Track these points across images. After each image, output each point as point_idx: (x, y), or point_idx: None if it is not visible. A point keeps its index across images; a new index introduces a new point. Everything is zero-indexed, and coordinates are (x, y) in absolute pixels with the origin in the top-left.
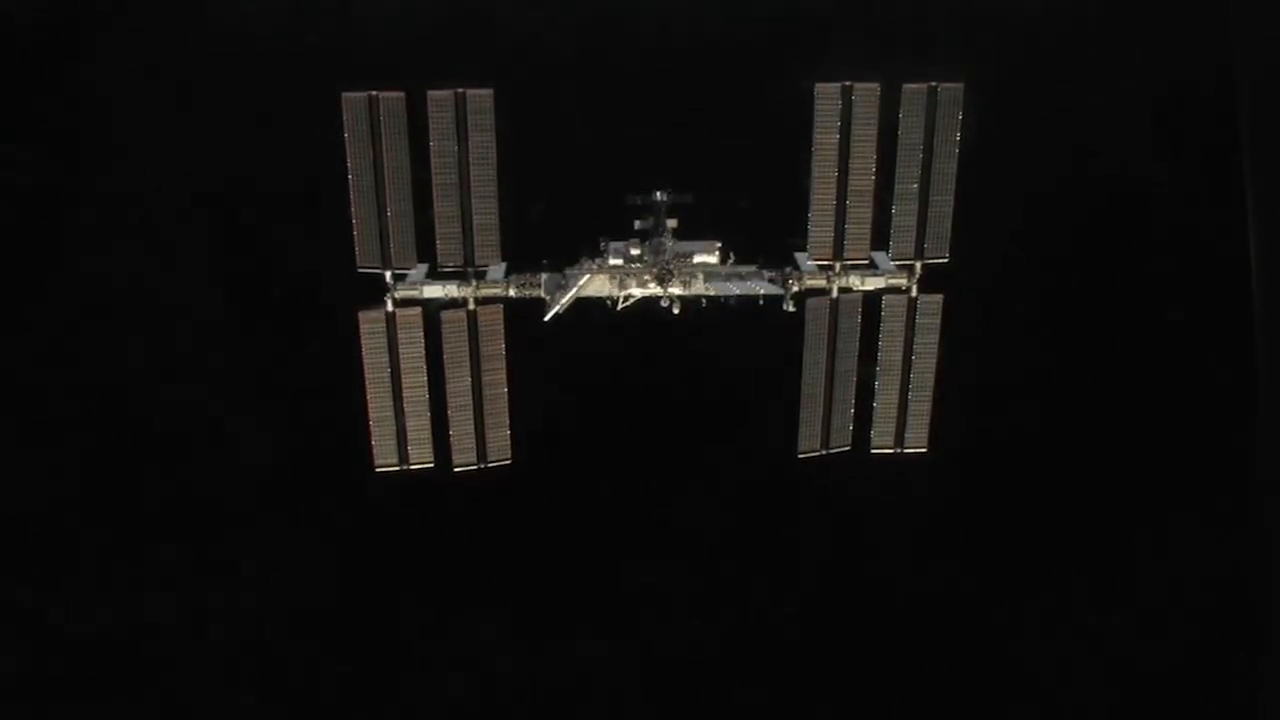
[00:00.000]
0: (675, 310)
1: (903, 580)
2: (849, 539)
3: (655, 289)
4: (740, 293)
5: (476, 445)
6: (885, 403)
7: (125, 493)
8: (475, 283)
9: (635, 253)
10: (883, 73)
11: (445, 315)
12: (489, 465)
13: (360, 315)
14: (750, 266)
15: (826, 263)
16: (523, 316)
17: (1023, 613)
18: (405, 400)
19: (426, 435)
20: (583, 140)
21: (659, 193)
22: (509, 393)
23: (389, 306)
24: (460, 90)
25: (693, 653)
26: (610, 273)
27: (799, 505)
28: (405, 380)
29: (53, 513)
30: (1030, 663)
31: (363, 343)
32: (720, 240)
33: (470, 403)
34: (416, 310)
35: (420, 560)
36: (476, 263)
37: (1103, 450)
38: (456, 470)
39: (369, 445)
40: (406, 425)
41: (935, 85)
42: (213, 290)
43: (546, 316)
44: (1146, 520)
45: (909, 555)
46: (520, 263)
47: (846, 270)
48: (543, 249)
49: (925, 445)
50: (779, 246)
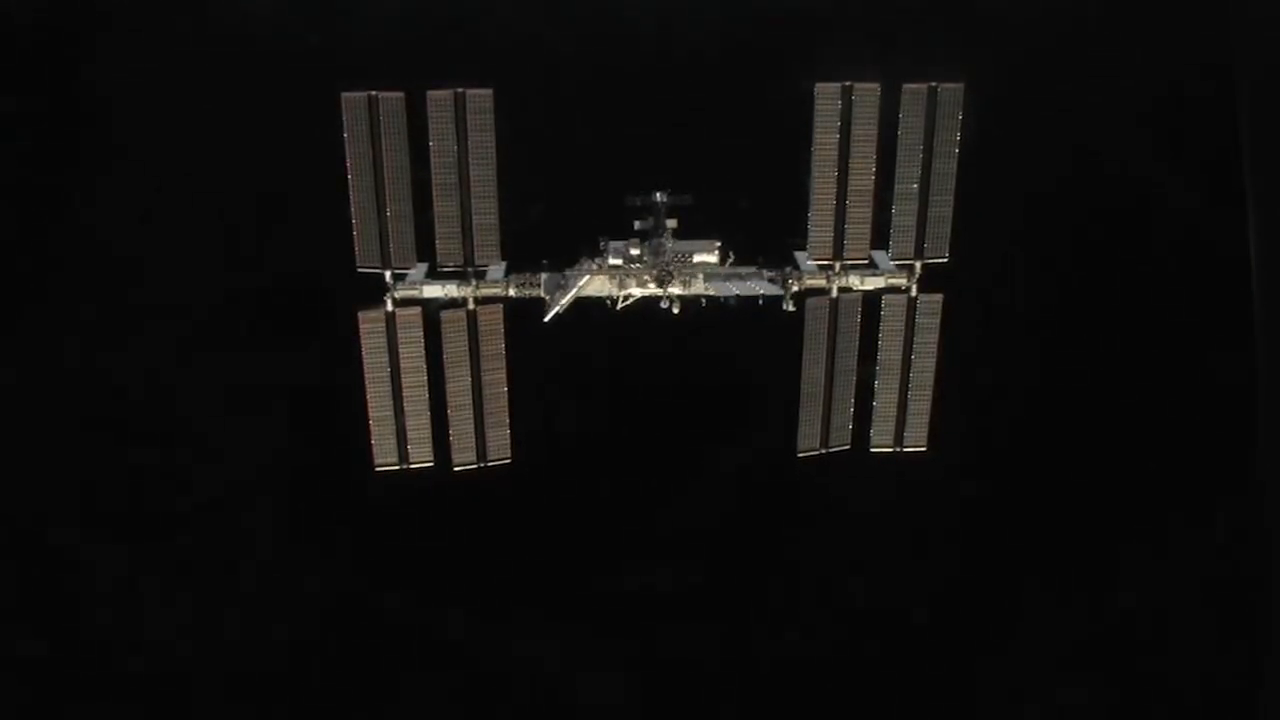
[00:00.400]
0: (675, 310)
1: (902, 578)
2: (848, 538)
3: (655, 290)
4: (740, 293)
5: (476, 444)
6: (885, 402)
7: (124, 492)
8: (475, 282)
9: (635, 253)
10: (883, 73)
11: (445, 315)
12: (489, 464)
13: (360, 315)
14: (750, 267)
15: (826, 262)
16: (523, 316)
17: (1022, 612)
18: (405, 400)
19: (426, 434)
20: (583, 140)
21: (659, 193)
22: (508, 392)
23: (389, 306)
24: (460, 90)
25: (693, 652)
26: (610, 273)
27: (798, 504)
28: (405, 380)
29: (51, 512)
30: (1030, 662)
31: (362, 342)
32: (720, 240)
33: (470, 402)
34: (416, 310)
35: (420, 559)
36: (476, 263)
37: (1102, 450)
38: (456, 469)
39: (369, 444)
40: (406, 424)
41: (935, 85)
42: (212, 290)
43: (546, 317)
44: (1146, 520)
45: (908, 554)
46: (520, 263)
47: (846, 270)
48: (542, 249)
49: (925, 444)
50: (779, 246)
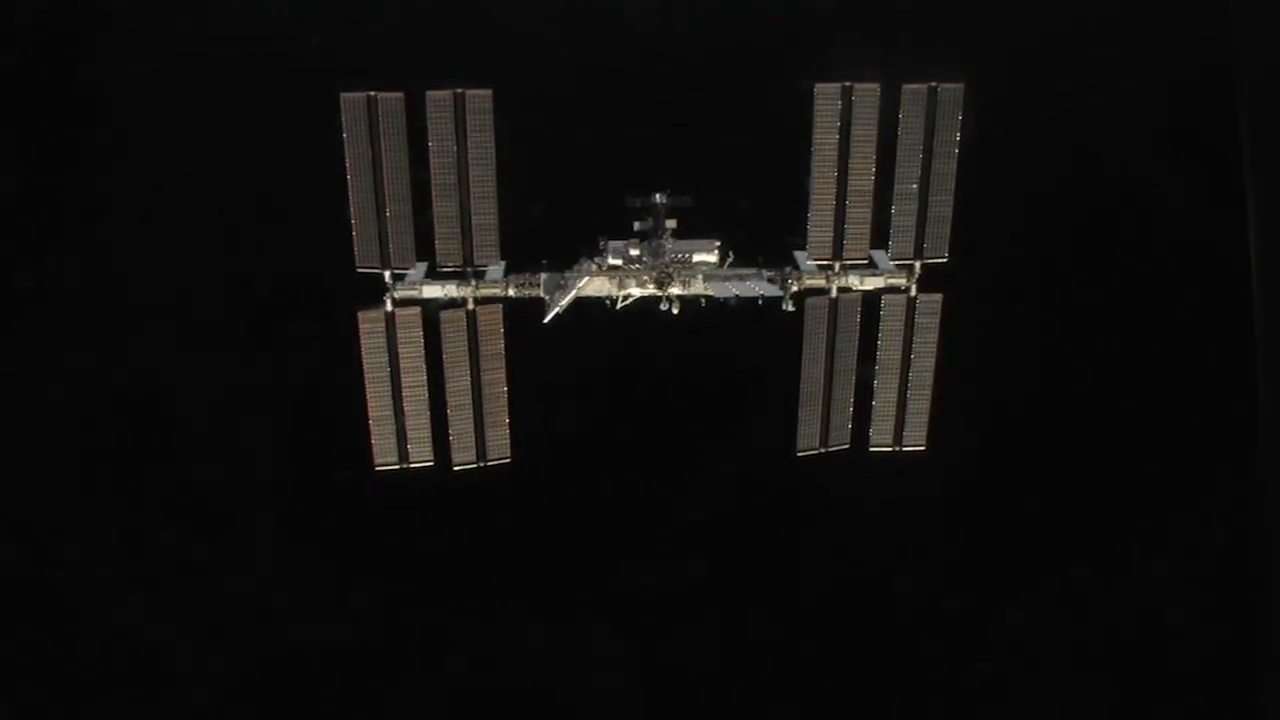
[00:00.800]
0: (674, 311)
1: (901, 577)
2: (848, 537)
3: (655, 291)
4: (740, 294)
5: (476, 444)
6: (884, 401)
7: (124, 492)
8: (474, 282)
9: (634, 253)
10: (883, 73)
11: (444, 315)
12: (488, 464)
13: (360, 315)
14: (750, 268)
15: (826, 262)
16: (522, 316)
17: (1022, 611)
18: (405, 399)
19: (426, 434)
20: (582, 140)
21: (658, 195)
22: (508, 392)
23: (388, 306)
24: (459, 90)
25: (692, 651)
26: (609, 273)
27: (798, 504)
28: (405, 379)
29: (50, 511)
30: (1029, 662)
31: (362, 342)
32: (720, 240)
33: (470, 402)
34: (416, 310)
35: (420, 558)
36: (476, 263)
37: (1102, 450)
38: (456, 469)
39: (369, 444)
40: (406, 424)
41: (935, 85)
42: (212, 290)
43: (546, 318)
44: (1146, 520)
45: (908, 552)
46: (519, 262)
47: (846, 270)
48: (542, 249)
49: (924, 444)
50: (779, 246)
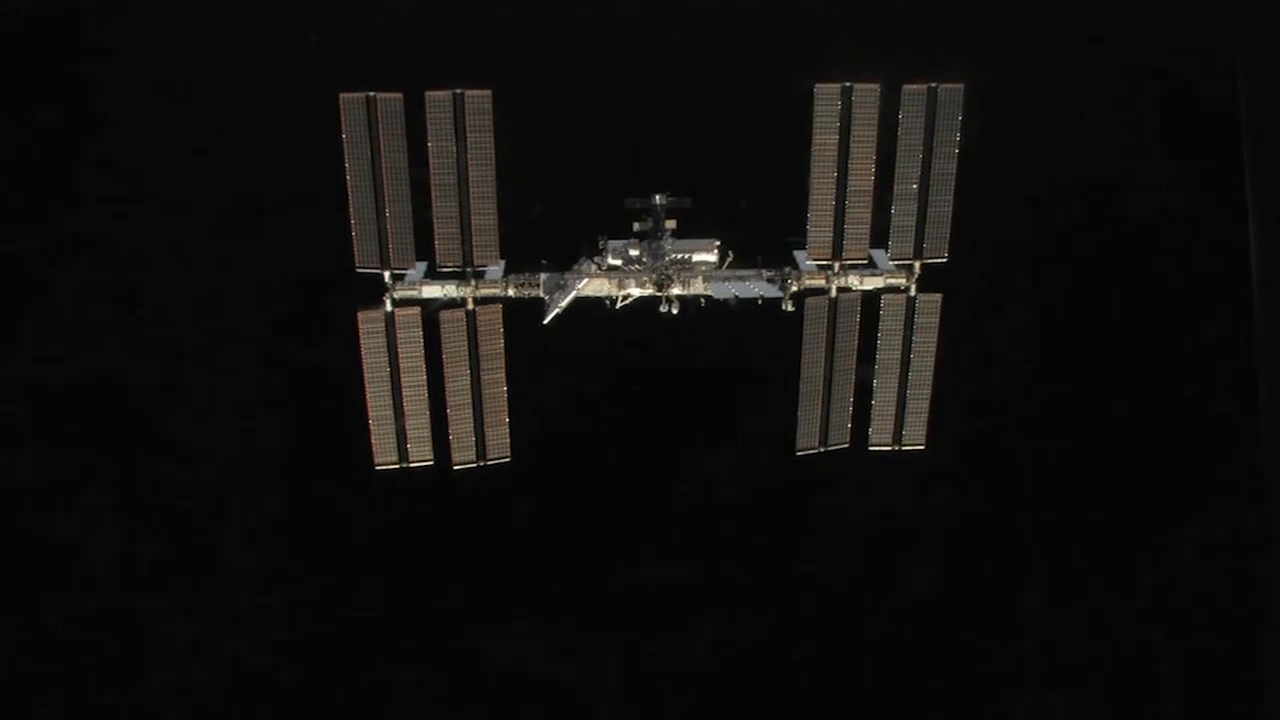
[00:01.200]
0: (674, 311)
1: (901, 576)
2: (847, 535)
3: (655, 292)
4: (739, 294)
5: (476, 443)
6: (883, 401)
7: (123, 491)
8: (474, 283)
9: (634, 253)
10: (883, 73)
11: (444, 315)
12: (488, 463)
13: (360, 315)
14: (750, 270)
15: (825, 262)
16: (522, 316)
17: (1022, 611)
18: (405, 399)
19: (426, 433)
20: (582, 140)
21: (658, 196)
22: (508, 391)
23: (388, 306)
24: (459, 91)
25: (691, 650)
26: (609, 274)
27: (797, 503)
28: (404, 379)
29: (50, 510)
30: (1029, 661)
31: (362, 342)
32: (720, 239)
33: (469, 401)
34: (415, 310)
35: (419, 557)
36: (475, 263)
37: (1102, 449)
38: (456, 468)
39: (369, 443)
40: (406, 424)
41: (935, 85)
42: (212, 290)
43: (546, 319)
44: (1146, 520)
45: (907, 551)
46: (519, 263)
47: (845, 270)
48: (541, 249)
49: (923, 443)
50: (778, 245)
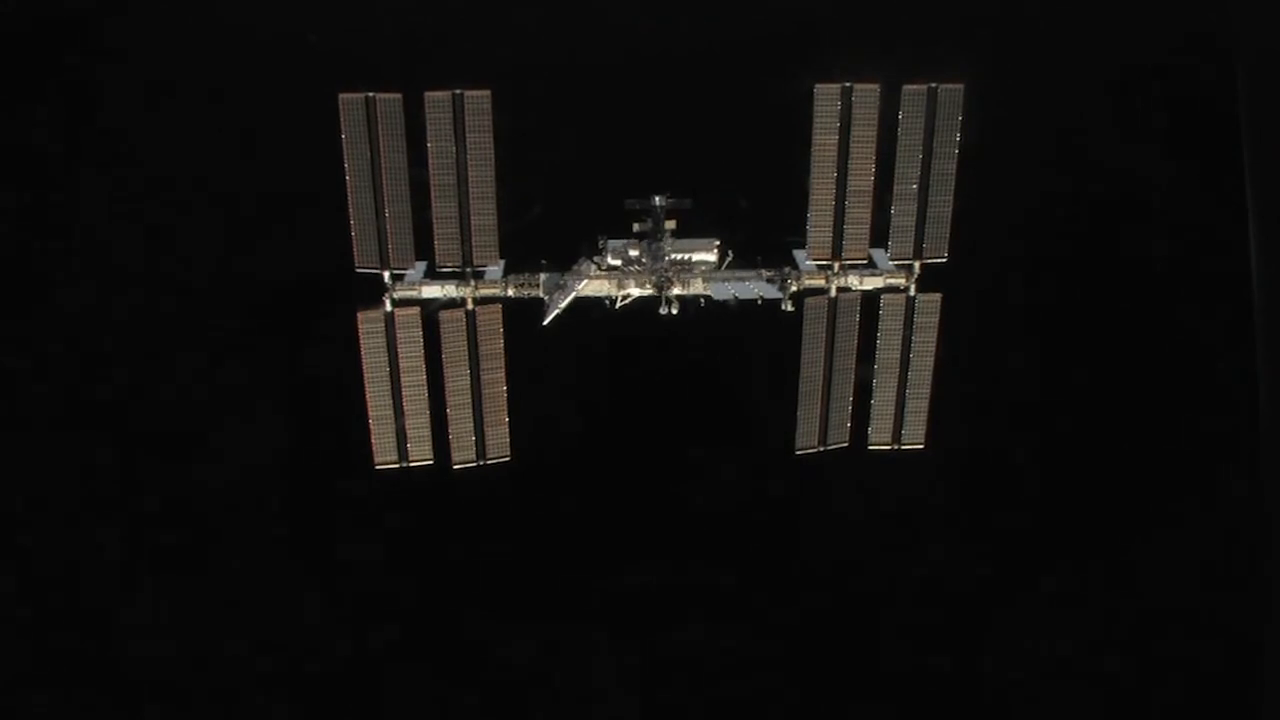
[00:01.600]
0: (674, 311)
1: (900, 575)
2: (846, 534)
3: (654, 293)
4: (739, 295)
5: (476, 442)
6: (883, 400)
7: (123, 491)
8: (474, 283)
9: (634, 254)
10: (883, 73)
11: (444, 315)
12: (488, 462)
13: (360, 315)
14: (749, 270)
15: (825, 262)
16: (521, 316)
17: (1021, 610)
18: (405, 399)
19: (426, 433)
20: (582, 140)
21: (657, 197)
22: (508, 391)
23: (388, 306)
24: (458, 91)
25: (691, 650)
26: (609, 275)
27: (797, 502)
28: (404, 379)
29: (49, 511)
30: (1029, 661)
31: (362, 342)
32: (719, 239)
33: (469, 401)
34: (415, 310)
35: (419, 556)
36: (475, 263)
37: (1102, 449)
38: (456, 467)
39: (369, 442)
40: (406, 423)
41: (935, 85)
42: (212, 290)
43: (545, 320)
44: (1146, 519)
45: (907, 550)
46: (519, 263)
47: (845, 270)
48: (541, 249)
49: (922, 442)
50: (778, 245)
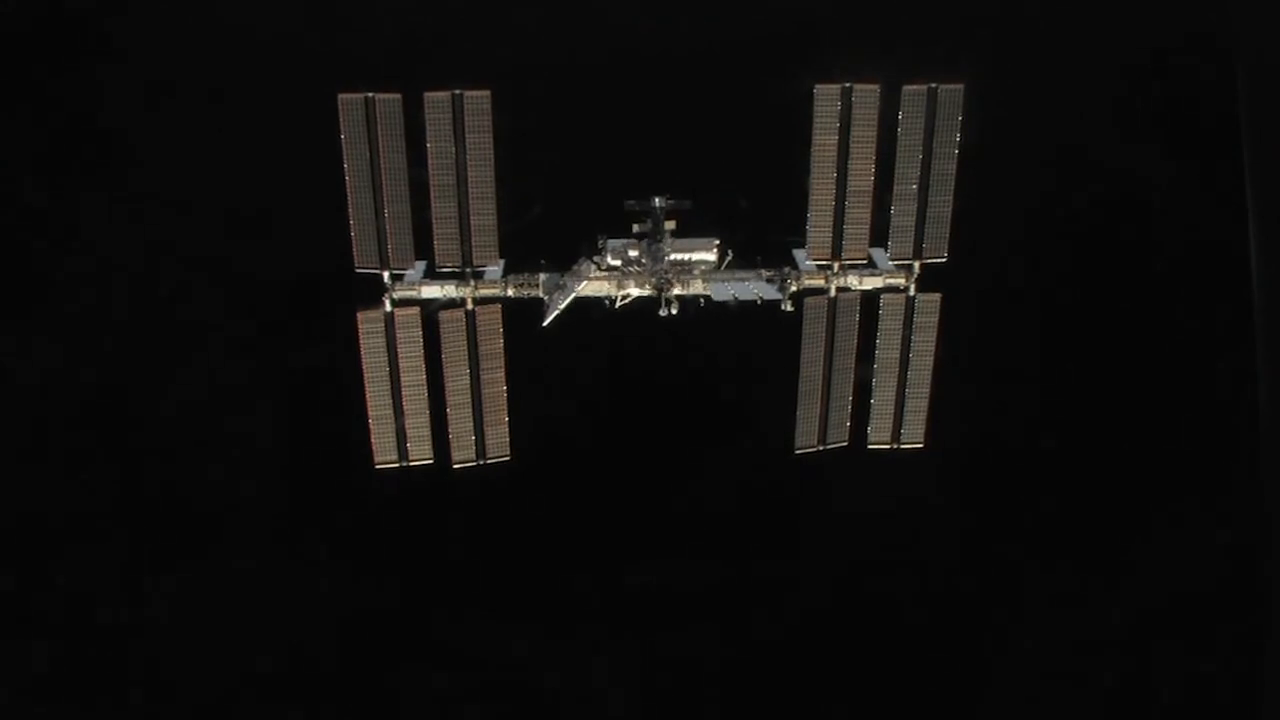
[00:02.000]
0: (674, 312)
1: (899, 574)
2: (845, 533)
3: (654, 293)
4: (738, 295)
5: (475, 442)
6: (882, 399)
7: (123, 492)
8: (473, 283)
9: (634, 254)
10: (883, 73)
11: (443, 315)
12: (487, 462)
13: (360, 315)
14: (749, 270)
15: (825, 262)
16: (521, 316)
17: (1021, 610)
18: (404, 398)
19: (426, 432)
20: (582, 140)
21: (657, 198)
22: (507, 391)
23: (387, 306)
24: (458, 91)
25: (692, 649)
26: (608, 275)
27: (796, 501)
28: (404, 379)
29: (49, 511)
30: (1029, 661)
31: (362, 342)
32: (719, 239)
33: (469, 400)
34: (415, 310)
35: (419, 555)
36: (474, 263)
37: (1101, 449)
38: (456, 467)
39: (369, 442)
40: (406, 423)
41: (935, 85)
42: (212, 290)
43: (545, 321)
44: (1146, 519)
45: (906, 549)
46: (518, 263)
47: (845, 270)
48: (541, 249)
49: (922, 441)
50: (778, 245)
